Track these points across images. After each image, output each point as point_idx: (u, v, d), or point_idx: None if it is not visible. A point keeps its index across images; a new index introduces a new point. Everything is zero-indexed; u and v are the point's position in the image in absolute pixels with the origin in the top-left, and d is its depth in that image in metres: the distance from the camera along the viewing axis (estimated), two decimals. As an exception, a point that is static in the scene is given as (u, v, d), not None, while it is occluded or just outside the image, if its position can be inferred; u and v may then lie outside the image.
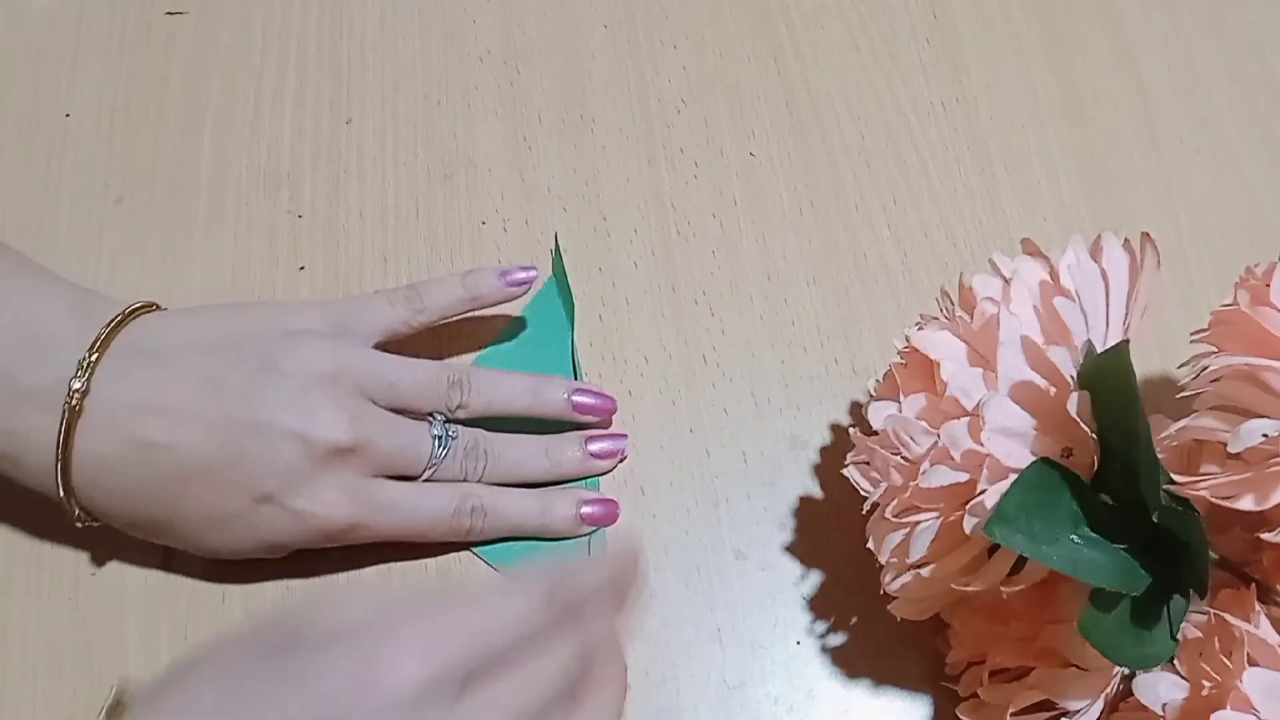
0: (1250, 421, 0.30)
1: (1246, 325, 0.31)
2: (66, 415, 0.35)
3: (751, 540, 0.42)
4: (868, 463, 0.35)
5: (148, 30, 0.51)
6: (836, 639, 0.41)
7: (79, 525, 0.38)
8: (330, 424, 0.37)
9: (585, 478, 0.42)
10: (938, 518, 0.33)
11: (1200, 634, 0.32)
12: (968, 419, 0.32)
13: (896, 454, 0.34)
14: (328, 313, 0.40)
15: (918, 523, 0.33)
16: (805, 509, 0.43)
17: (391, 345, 0.41)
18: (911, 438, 0.33)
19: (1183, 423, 0.32)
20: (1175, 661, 0.32)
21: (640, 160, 0.49)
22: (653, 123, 0.49)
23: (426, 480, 0.40)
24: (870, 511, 0.35)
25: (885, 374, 0.36)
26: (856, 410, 0.44)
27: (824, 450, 0.44)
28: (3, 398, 0.36)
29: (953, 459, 0.32)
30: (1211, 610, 0.32)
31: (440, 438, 0.40)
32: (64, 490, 0.37)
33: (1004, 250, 0.37)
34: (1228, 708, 0.30)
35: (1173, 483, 0.31)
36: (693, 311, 0.46)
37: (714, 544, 0.42)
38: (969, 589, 0.33)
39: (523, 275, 0.43)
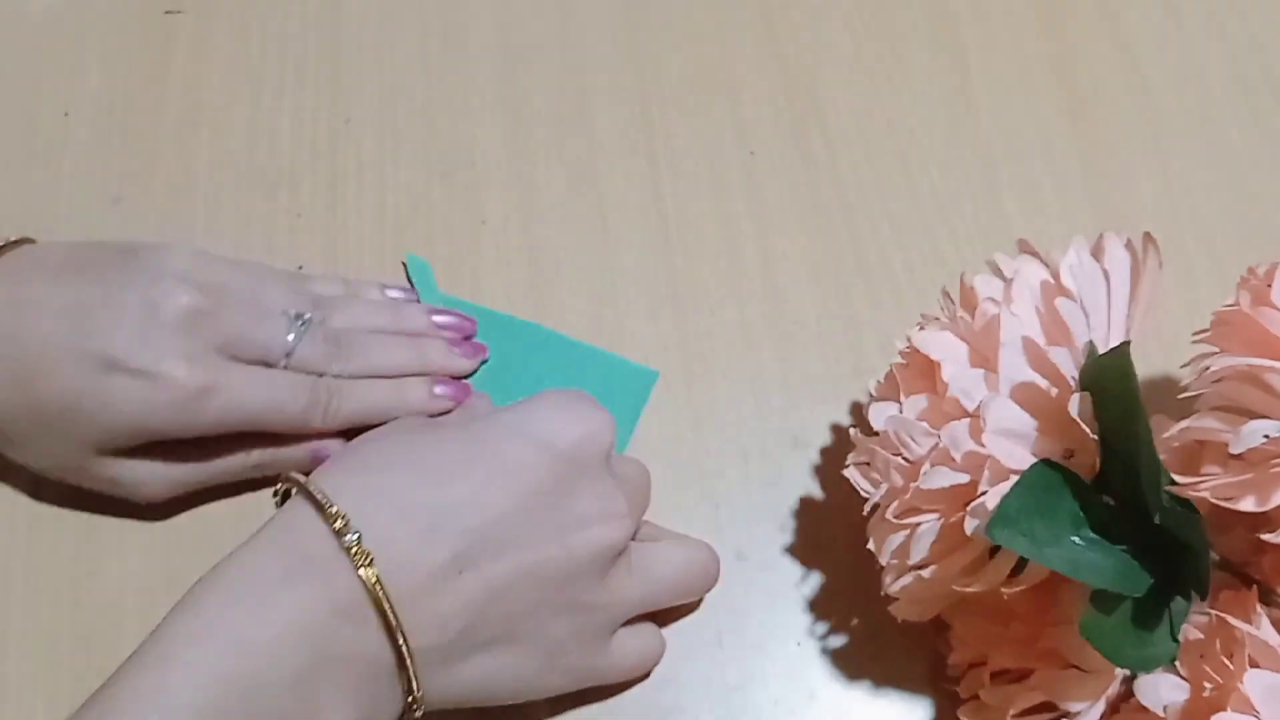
0: (1252, 422, 0.30)
1: (1248, 325, 0.31)
2: None
3: (752, 541, 0.42)
4: (868, 464, 0.35)
5: (147, 30, 0.51)
6: (837, 640, 0.41)
7: None
8: (179, 292, 0.37)
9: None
10: (939, 519, 0.33)
11: (1201, 635, 0.32)
12: (969, 420, 0.32)
13: (897, 455, 0.34)
14: None
15: (919, 524, 0.33)
16: (806, 509, 0.43)
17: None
18: (912, 438, 0.33)
19: (1184, 423, 0.32)
20: (1176, 663, 0.32)
21: (640, 160, 0.49)
22: (653, 123, 0.49)
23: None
24: (871, 513, 0.35)
25: (886, 374, 0.36)
26: (857, 411, 0.44)
27: (825, 451, 0.44)
28: None
29: (954, 460, 0.32)
30: (1213, 611, 0.32)
31: (296, 323, 0.40)
32: None
33: (1005, 250, 0.36)
34: (1229, 709, 0.30)
35: (1174, 484, 0.31)
36: (693, 311, 0.46)
37: (714, 545, 0.42)
38: (970, 590, 0.33)
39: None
